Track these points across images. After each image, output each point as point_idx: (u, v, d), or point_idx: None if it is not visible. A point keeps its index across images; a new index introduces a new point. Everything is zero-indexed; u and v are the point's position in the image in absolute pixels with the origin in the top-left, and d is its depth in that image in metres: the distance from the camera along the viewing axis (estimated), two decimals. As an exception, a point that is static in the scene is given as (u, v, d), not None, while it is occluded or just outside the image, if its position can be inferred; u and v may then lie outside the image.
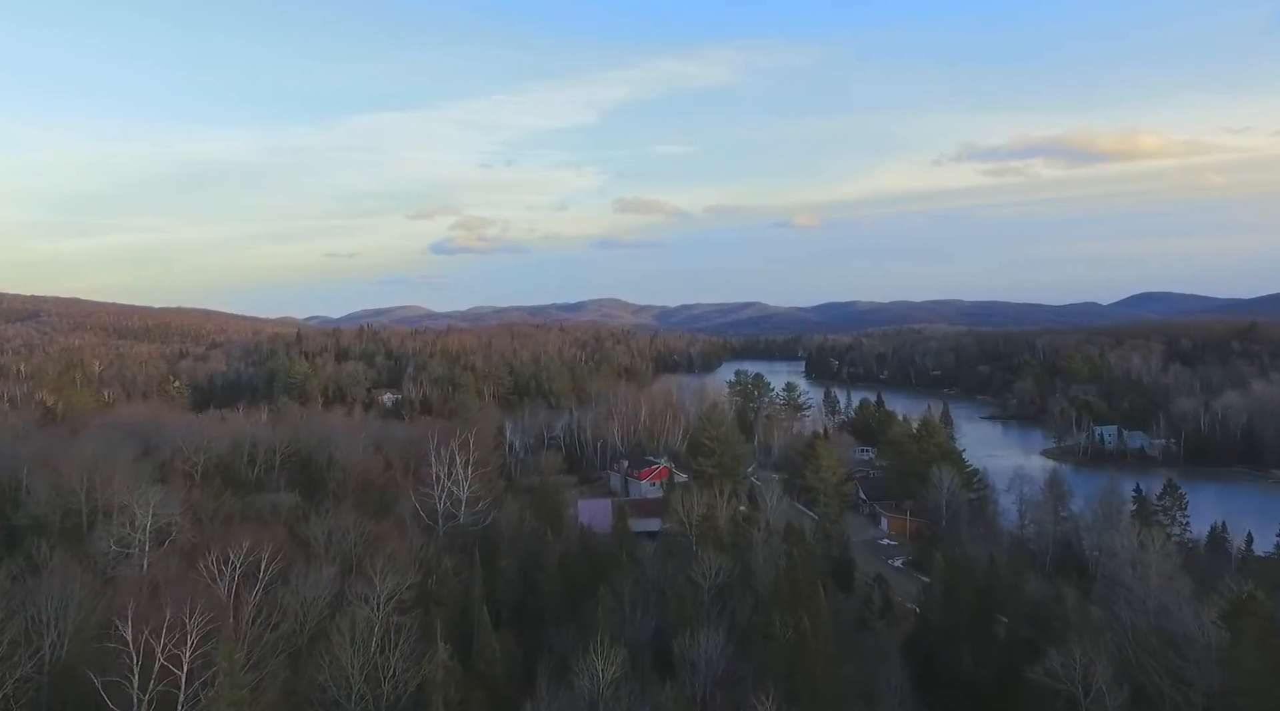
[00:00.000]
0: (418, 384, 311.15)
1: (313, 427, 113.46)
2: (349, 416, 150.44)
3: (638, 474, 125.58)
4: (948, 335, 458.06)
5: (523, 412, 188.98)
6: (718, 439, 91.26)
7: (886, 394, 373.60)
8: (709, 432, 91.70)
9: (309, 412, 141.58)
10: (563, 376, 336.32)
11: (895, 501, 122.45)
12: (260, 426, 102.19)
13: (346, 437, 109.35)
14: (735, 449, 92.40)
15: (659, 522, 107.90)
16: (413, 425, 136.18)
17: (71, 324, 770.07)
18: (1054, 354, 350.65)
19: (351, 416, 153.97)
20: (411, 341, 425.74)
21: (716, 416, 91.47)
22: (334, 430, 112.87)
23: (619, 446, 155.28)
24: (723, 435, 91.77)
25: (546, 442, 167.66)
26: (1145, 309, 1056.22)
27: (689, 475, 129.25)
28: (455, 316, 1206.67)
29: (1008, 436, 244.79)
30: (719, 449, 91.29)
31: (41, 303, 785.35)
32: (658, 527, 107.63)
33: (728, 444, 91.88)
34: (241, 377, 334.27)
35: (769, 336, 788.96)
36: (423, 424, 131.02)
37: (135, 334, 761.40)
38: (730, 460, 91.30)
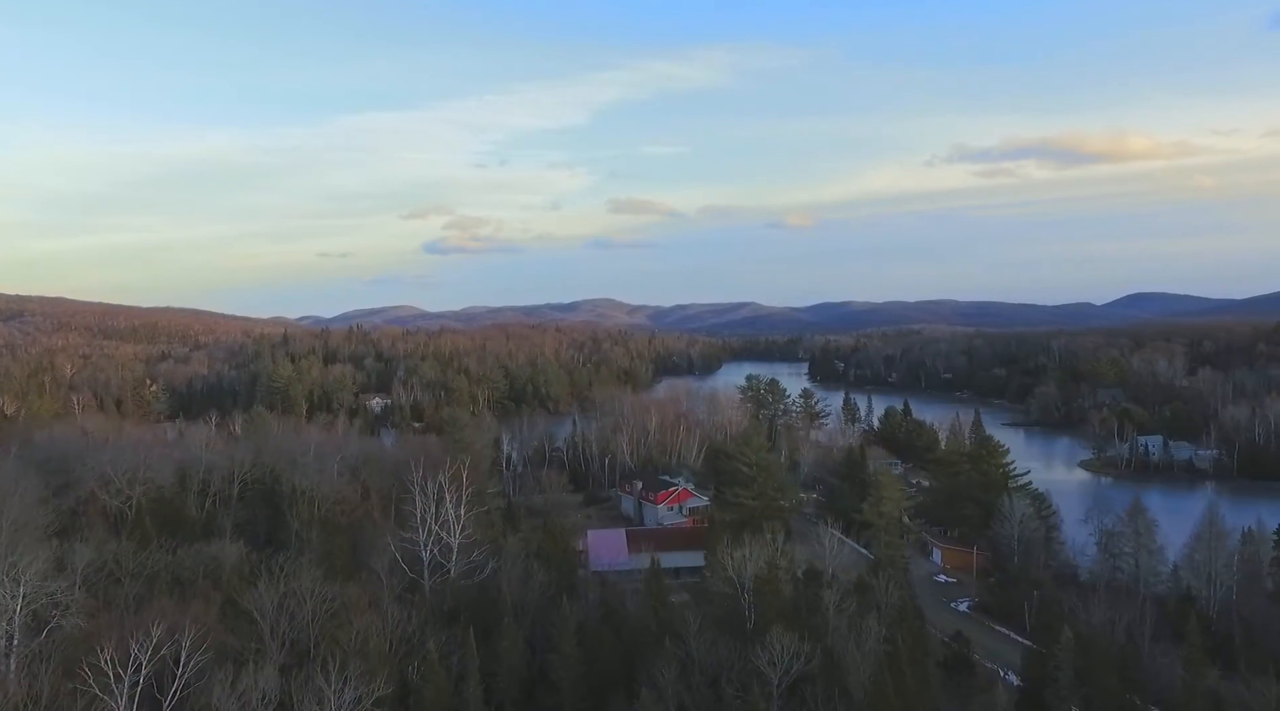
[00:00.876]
0: (408, 388, 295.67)
1: (282, 447, 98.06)
2: (329, 430, 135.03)
3: (654, 497, 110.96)
4: (957, 337, 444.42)
5: (520, 422, 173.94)
6: (758, 465, 76.64)
7: (897, 398, 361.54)
8: (746, 457, 77.03)
9: (282, 426, 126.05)
10: (561, 380, 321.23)
11: (944, 528, 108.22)
12: (219, 447, 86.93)
13: (320, 460, 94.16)
14: (779, 477, 77.65)
15: (684, 557, 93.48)
16: (400, 442, 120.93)
17: (55, 324, 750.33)
18: (1071, 356, 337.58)
19: (333, 430, 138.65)
20: (403, 343, 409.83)
21: (755, 440, 76.58)
22: (306, 449, 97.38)
23: (628, 462, 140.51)
24: (763, 461, 77.13)
25: (548, 457, 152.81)
26: (1139, 309, 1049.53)
27: (709, 498, 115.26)
28: (449, 316, 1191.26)
29: (1035, 445, 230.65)
30: (759, 477, 76.66)
31: (26, 302, 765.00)
32: (682, 563, 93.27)
33: (769, 471, 77.23)
34: (223, 381, 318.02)
35: (768, 337, 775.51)
36: (410, 442, 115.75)
37: (121, 334, 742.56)
38: (774, 491, 76.75)
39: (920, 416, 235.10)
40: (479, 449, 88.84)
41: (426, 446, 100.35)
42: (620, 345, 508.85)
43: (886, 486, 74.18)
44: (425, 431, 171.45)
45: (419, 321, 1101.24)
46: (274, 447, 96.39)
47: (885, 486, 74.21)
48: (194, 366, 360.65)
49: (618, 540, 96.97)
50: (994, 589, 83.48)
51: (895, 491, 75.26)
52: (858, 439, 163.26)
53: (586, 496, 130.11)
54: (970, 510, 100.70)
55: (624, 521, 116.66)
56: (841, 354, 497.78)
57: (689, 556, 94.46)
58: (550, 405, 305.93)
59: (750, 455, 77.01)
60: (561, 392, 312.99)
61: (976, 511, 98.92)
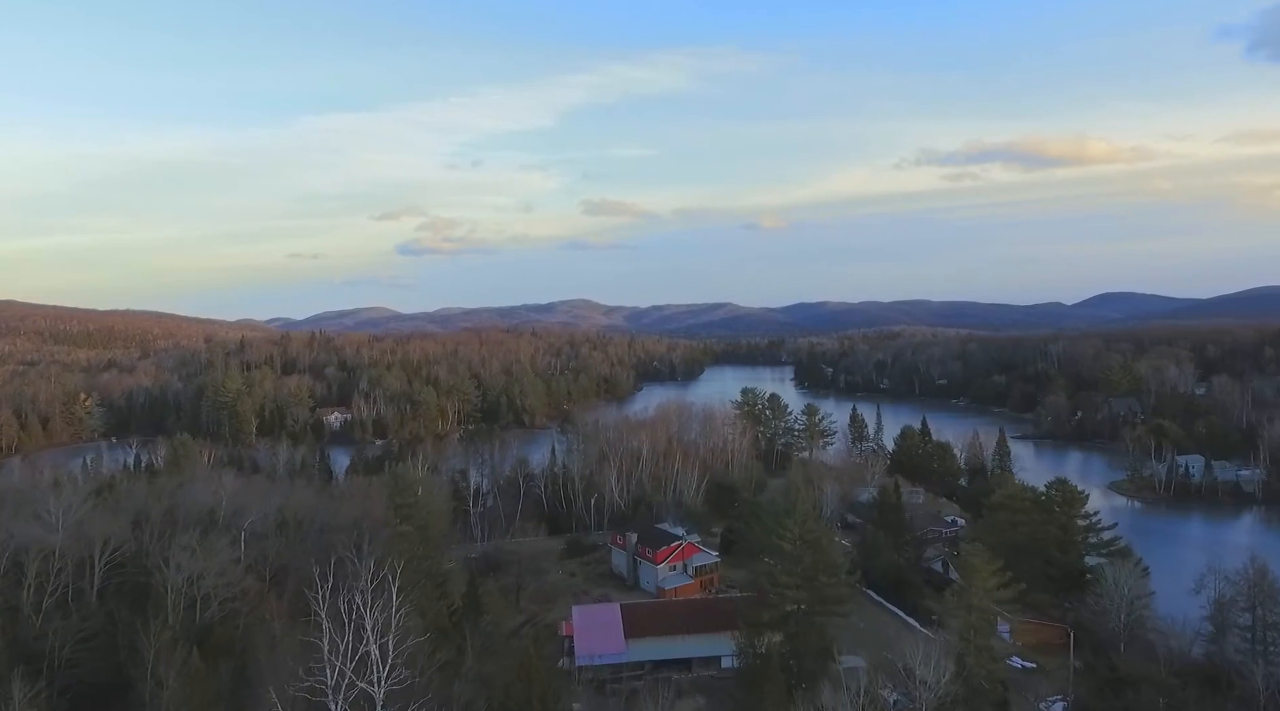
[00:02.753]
0: (371, 401, 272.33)
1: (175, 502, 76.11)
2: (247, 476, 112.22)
3: (653, 553, 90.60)
4: (951, 341, 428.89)
5: (491, 449, 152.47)
6: (804, 541, 56.57)
7: (889, 405, 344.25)
8: (789, 530, 56.87)
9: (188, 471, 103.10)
10: (538, 391, 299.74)
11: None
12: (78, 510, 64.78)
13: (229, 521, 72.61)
14: (829, 553, 57.54)
15: (699, 643, 73.20)
16: (341, 489, 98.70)
17: (4, 328, 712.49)
18: (1072, 362, 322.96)
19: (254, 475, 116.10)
20: (369, 350, 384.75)
21: (800, 508, 55.97)
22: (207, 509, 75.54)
23: (617, 501, 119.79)
24: (810, 534, 56.98)
25: (523, 488, 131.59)
26: (1108, 309, 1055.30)
27: (717, 553, 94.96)
28: (423, 318, 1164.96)
29: (1051, 462, 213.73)
30: (806, 557, 56.54)
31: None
32: (696, 652, 72.98)
33: (822, 550, 57.02)
34: (168, 394, 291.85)
35: (750, 340, 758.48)
36: (354, 492, 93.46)
37: (73, 338, 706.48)
38: (827, 575, 56.64)
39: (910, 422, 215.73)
40: (432, 513, 67.68)
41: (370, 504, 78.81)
42: (599, 350, 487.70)
43: (977, 570, 54.53)
44: (383, 460, 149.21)
45: (392, 323, 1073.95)
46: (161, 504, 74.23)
47: (975, 571, 54.54)
48: (138, 377, 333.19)
49: (611, 620, 76.34)
50: (1103, 690, 64.10)
51: (989, 577, 55.56)
52: (877, 468, 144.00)
53: (569, 543, 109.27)
54: (1036, 567, 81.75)
55: (615, 582, 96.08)
56: (828, 358, 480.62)
57: (704, 642, 74.37)
58: (527, 418, 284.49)
59: (793, 528, 56.90)
60: (539, 405, 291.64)
61: (1054, 573, 79.80)
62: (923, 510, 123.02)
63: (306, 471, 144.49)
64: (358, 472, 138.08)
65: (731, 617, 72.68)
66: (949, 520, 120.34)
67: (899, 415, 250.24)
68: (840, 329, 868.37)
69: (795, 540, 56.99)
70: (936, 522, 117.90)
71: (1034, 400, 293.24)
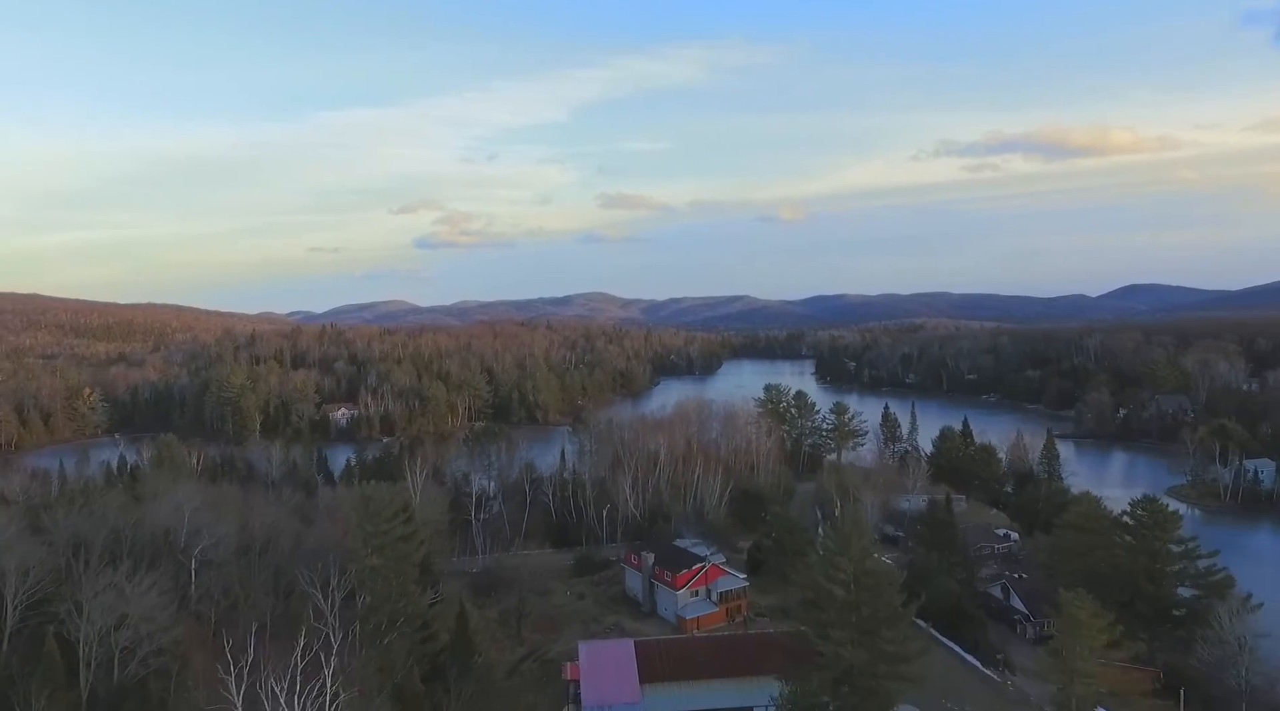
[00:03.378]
0: (378, 397, 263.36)
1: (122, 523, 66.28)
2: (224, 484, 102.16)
3: (672, 577, 79.70)
4: (980, 334, 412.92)
5: (498, 448, 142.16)
6: (865, 585, 45.31)
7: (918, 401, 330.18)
8: (842, 571, 45.56)
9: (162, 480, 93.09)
10: (551, 386, 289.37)
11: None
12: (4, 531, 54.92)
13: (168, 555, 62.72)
14: (890, 603, 46.08)
15: (727, 691, 62.27)
16: (305, 515, 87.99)
17: (25, 322, 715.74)
18: (1111, 357, 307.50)
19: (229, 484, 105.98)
20: (379, 343, 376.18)
21: (856, 542, 44.47)
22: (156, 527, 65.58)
23: (631, 511, 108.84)
24: (869, 578, 45.66)
25: (530, 496, 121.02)
26: (1135, 301, 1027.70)
27: (745, 576, 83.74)
28: (441, 311, 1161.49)
29: (1096, 464, 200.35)
30: (864, 606, 45.29)
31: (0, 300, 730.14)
32: (724, 704, 62.08)
33: (884, 597, 45.65)
34: (173, 389, 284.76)
35: (769, 333, 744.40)
36: (322, 519, 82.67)
37: (94, 332, 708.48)
38: (890, 629, 45.36)
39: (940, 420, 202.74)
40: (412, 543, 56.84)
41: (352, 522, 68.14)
42: (615, 343, 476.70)
43: (1082, 626, 42.77)
44: (382, 463, 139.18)
45: (410, 316, 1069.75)
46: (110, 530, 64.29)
47: (1079, 627, 42.76)
48: (146, 371, 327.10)
49: (624, 660, 65.57)
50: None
51: (1096, 634, 43.95)
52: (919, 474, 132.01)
53: (578, 560, 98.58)
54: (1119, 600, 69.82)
55: (629, 607, 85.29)
56: (851, 352, 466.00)
57: (734, 690, 63.37)
58: (540, 415, 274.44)
59: (847, 568, 45.58)
60: (551, 400, 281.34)
61: (1142, 608, 67.83)
62: (969, 521, 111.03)
63: (298, 476, 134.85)
64: (353, 477, 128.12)
65: (765, 658, 61.83)
66: (1001, 534, 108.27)
67: (927, 412, 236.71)
68: (859, 321, 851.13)
69: (850, 582, 45.53)
70: (986, 536, 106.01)
71: (1072, 396, 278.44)
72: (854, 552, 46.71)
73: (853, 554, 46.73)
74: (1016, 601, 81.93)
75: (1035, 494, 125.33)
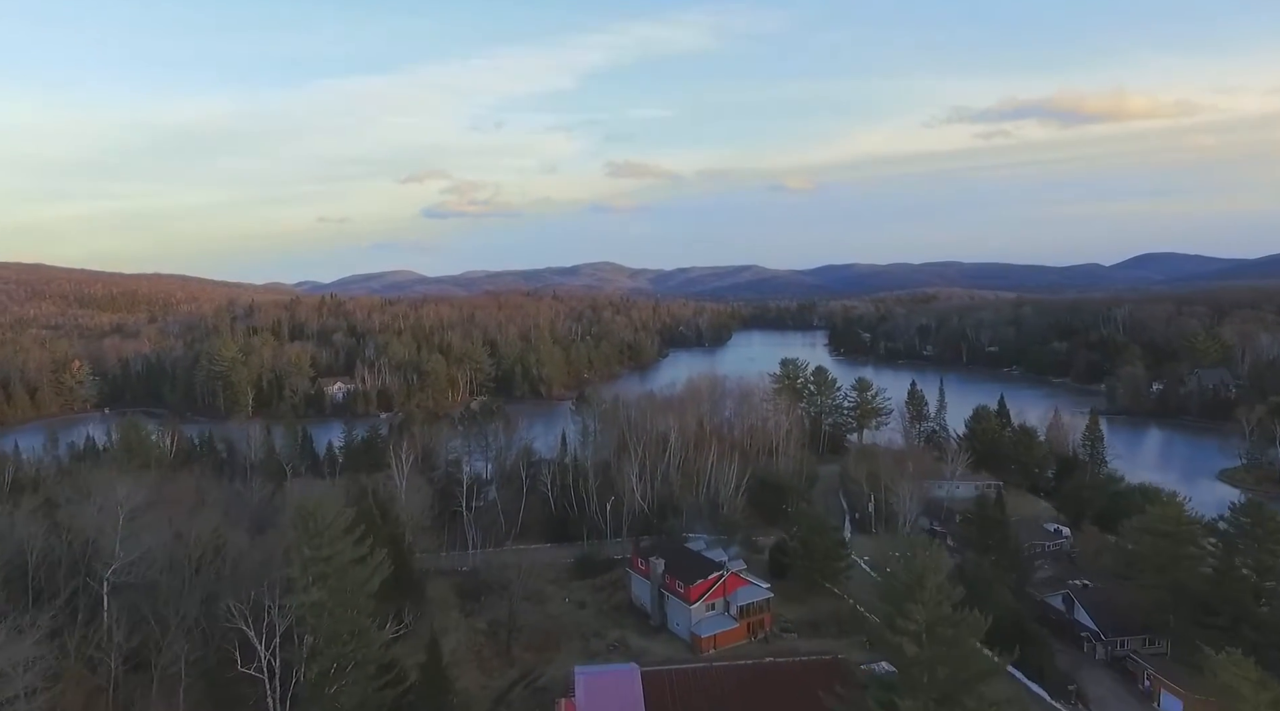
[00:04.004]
0: (375, 370, 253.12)
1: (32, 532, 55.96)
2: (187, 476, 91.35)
3: (685, 588, 69.08)
4: (1002, 304, 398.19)
5: (496, 429, 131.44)
6: (941, 638, 34.27)
7: (934, 374, 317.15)
8: (908, 620, 34.44)
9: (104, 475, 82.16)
10: (555, 360, 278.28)
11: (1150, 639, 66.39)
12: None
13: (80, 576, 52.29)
14: (979, 657, 34.76)
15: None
16: (257, 520, 76.53)
17: (29, 292, 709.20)
18: (1141, 327, 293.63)
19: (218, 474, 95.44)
20: (380, 314, 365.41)
21: (934, 586, 33.39)
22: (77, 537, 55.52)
23: (638, 503, 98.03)
24: (950, 632, 34.55)
25: (526, 482, 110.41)
26: (1150, 270, 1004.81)
27: (768, 586, 72.84)
28: (448, 281, 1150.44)
29: (1132, 442, 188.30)
30: (942, 665, 34.27)
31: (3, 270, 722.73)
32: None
33: (966, 652, 34.52)
34: (164, 361, 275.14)
35: (780, 304, 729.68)
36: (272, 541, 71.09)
37: (98, 302, 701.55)
38: (971, 691, 34.42)
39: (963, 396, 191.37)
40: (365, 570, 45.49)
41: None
42: (622, 314, 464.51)
43: (1243, 698, 31.89)
44: (371, 445, 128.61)
45: (418, 286, 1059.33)
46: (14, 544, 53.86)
47: (1239, 698, 31.85)
48: (140, 343, 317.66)
49: (628, 693, 55.14)
50: None
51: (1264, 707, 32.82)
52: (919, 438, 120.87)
53: (579, 561, 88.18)
54: (1223, 626, 58.84)
55: (635, 617, 74.87)
56: (865, 323, 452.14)
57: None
58: (543, 389, 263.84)
59: (918, 617, 34.49)
60: (556, 374, 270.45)
61: (1247, 633, 56.60)
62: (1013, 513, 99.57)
63: (274, 461, 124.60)
64: (336, 463, 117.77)
65: (800, 694, 51.56)
66: (1051, 529, 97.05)
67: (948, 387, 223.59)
68: (870, 291, 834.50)
69: (922, 634, 34.35)
70: (1035, 532, 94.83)
71: (1101, 370, 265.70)
72: (928, 596, 35.37)
73: (926, 598, 35.39)
74: (1083, 616, 70.90)
75: (1082, 481, 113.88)
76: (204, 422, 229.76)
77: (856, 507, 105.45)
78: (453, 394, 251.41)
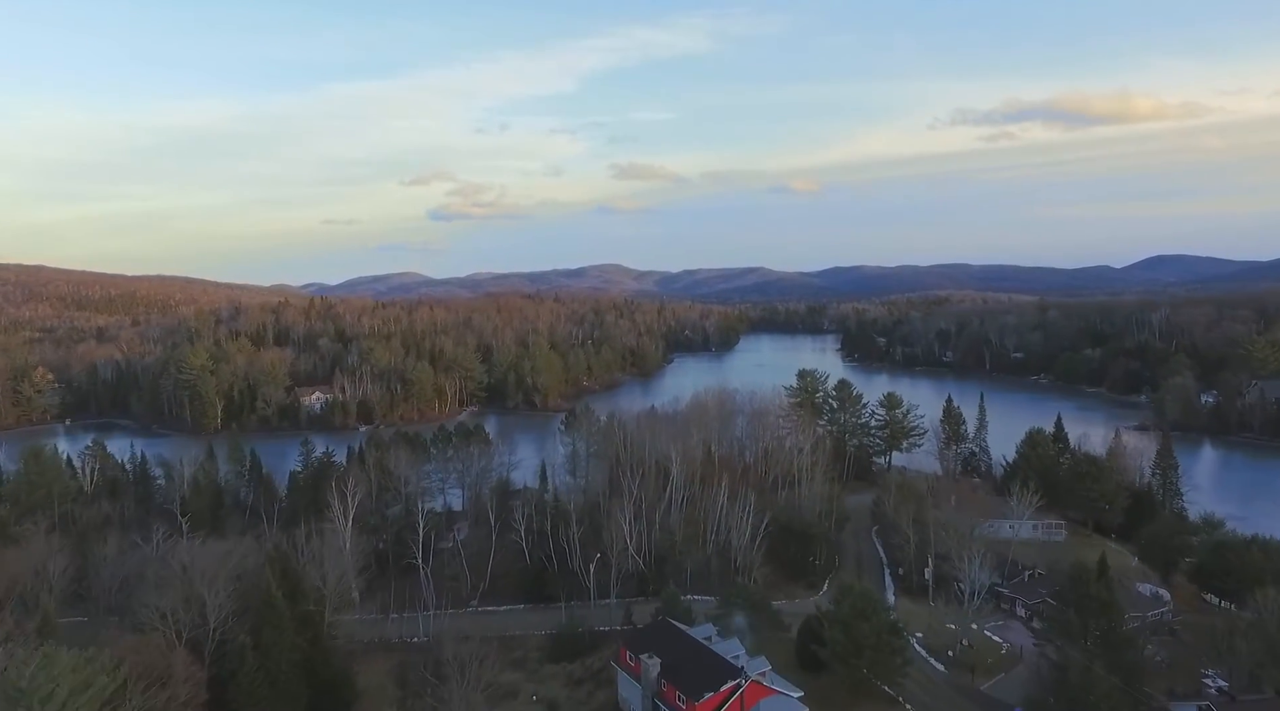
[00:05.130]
0: (357, 378, 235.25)
1: None
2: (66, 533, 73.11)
3: (688, 702, 50.60)
4: (1027, 308, 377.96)
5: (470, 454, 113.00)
6: None
7: (955, 382, 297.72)
8: None
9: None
10: (552, 367, 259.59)
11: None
12: None
13: None
14: None
15: None
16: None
17: (27, 293, 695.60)
18: (1180, 333, 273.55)
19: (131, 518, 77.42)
20: (370, 318, 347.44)
21: None
22: None
23: (632, 558, 79.28)
24: None
25: (495, 531, 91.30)
26: (1162, 272, 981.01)
27: (800, 695, 53.93)
28: (454, 283, 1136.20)
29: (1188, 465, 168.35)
30: None
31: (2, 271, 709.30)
32: None
33: None
34: (135, 368, 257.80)
35: (788, 306, 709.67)
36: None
37: (95, 304, 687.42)
38: None
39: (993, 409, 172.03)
40: None
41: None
42: (625, 317, 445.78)
43: None
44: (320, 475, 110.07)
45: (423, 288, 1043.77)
46: None
47: None
48: (114, 348, 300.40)
49: None
50: None
51: None
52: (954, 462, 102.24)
53: (556, 641, 69.52)
54: None
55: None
56: (879, 327, 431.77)
57: None
58: (538, 399, 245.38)
59: None
60: (552, 383, 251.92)
61: None
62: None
63: (214, 488, 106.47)
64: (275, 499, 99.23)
65: None
66: (1148, 593, 77.93)
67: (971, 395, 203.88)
68: (878, 293, 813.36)
69: None
70: (1125, 595, 75.69)
71: (1139, 379, 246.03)
72: None
73: None
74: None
75: (1168, 524, 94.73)
76: (170, 436, 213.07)
77: (898, 558, 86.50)
78: (440, 404, 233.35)
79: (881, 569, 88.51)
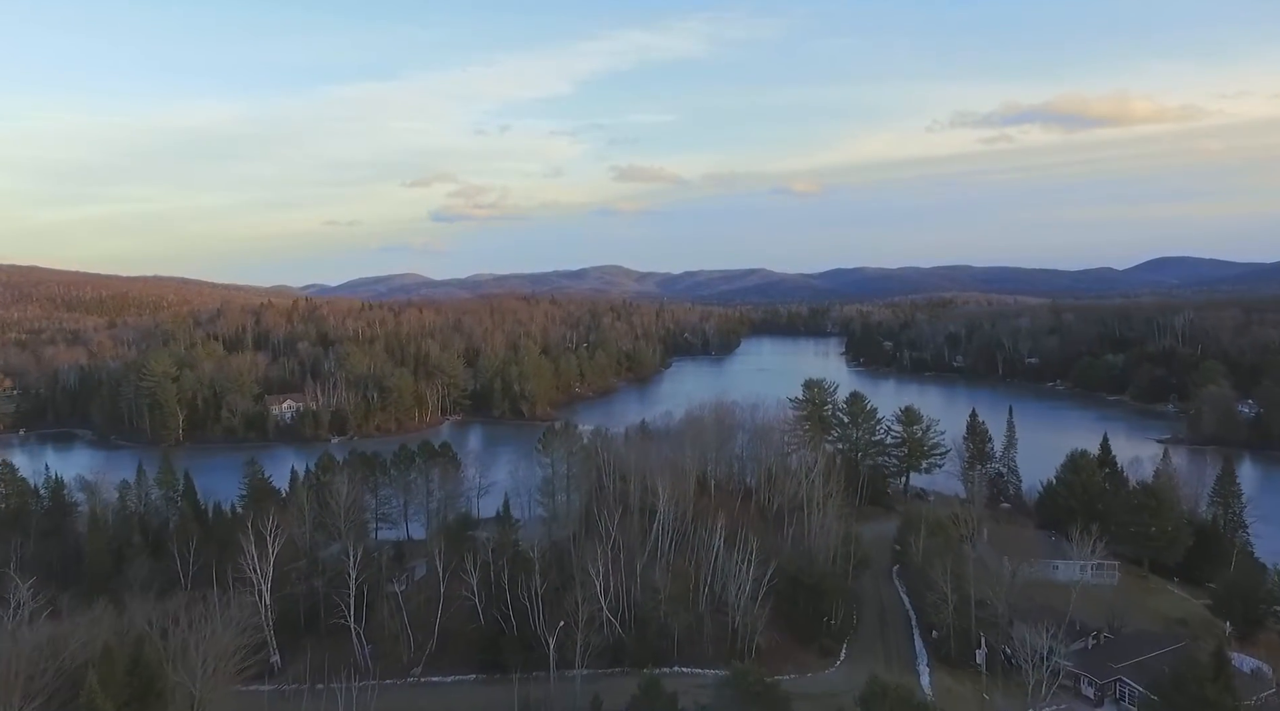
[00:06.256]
0: (331, 385, 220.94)
1: None
2: None
3: None
4: (1040, 311, 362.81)
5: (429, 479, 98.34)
6: None
7: (967, 389, 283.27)
8: None
9: None
10: (543, 373, 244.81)
11: None
12: None
13: None
14: None
15: None
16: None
17: (16, 294, 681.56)
18: (1205, 337, 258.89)
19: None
20: (354, 320, 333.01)
21: None
22: None
23: (607, 620, 64.59)
24: None
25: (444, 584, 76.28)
26: (1165, 274, 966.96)
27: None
28: (455, 284, 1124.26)
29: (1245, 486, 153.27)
30: None
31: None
32: None
33: None
34: (101, 373, 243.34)
35: (790, 308, 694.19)
36: None
37: (86, 305, 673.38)
38: None
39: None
40: None
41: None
42: (623, 319, 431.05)
43: None
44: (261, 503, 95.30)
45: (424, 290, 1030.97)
46: None
47: None
48: (80, 352, 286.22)
49: None
50: None
51: None
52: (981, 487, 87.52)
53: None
54: None
55: None
56: (885, 330, 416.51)
57: None
58: (526, 408, 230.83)
59: None
60: (542, 389, 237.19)
61: None
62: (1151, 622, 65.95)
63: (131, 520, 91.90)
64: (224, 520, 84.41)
65: None
66: (1247, 668, 63.02)
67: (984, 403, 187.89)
68: (880, 295, 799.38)
69: None
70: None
71: (1165, 387, 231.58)
72: None
73: None
74: None
75: (1248, 571, 79.92)
76: (128, 448, 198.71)
77: (928, 614, 71.48)
78: (420, 413, 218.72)
79: (909, 627, 73.74)
